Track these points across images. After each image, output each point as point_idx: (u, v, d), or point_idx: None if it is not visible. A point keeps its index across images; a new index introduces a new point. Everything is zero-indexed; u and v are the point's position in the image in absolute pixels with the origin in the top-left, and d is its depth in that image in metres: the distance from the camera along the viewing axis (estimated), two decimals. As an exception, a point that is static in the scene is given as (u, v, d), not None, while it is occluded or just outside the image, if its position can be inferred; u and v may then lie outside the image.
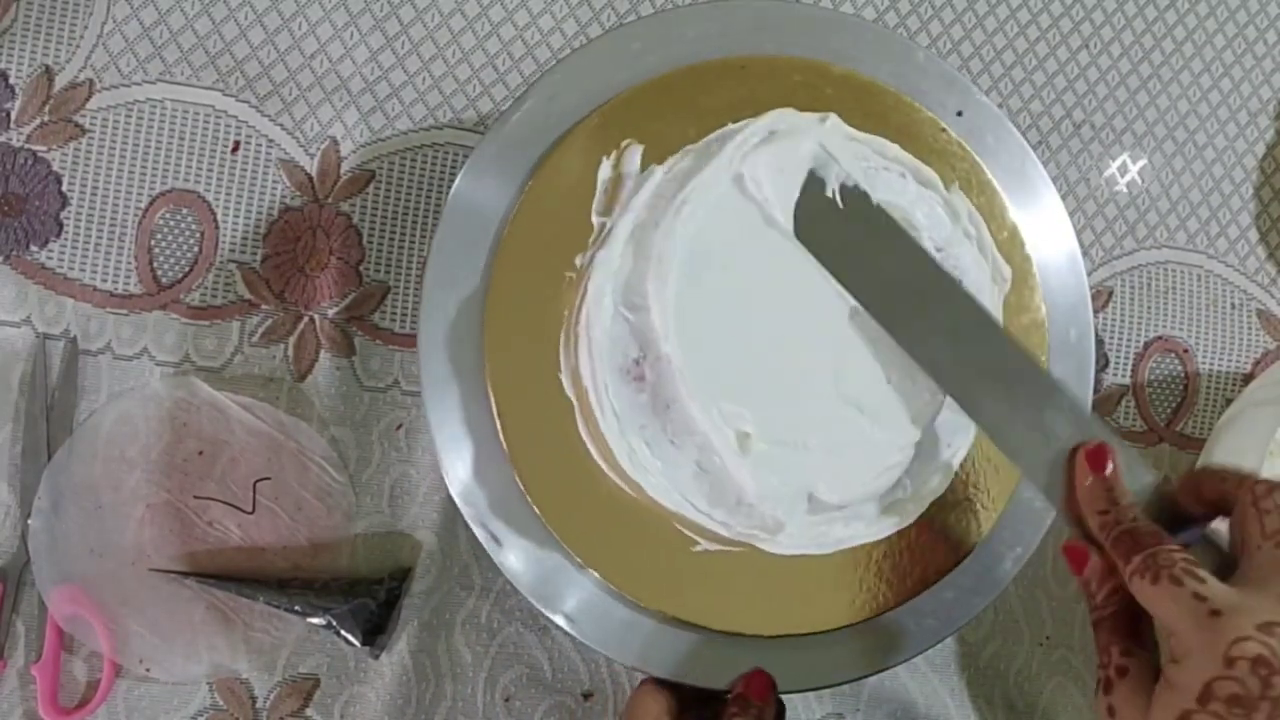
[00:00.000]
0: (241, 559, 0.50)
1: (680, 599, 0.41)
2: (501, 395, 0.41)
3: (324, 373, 0.51)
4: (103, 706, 0.48)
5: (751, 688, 0.41)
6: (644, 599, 0.41)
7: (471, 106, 0.54)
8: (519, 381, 0.41)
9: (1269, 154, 0.62)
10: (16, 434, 0.49)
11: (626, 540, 0.41)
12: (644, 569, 0.41)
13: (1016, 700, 0.56)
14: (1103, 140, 0.60)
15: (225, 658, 0.49)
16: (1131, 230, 0.60)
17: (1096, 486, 0.37)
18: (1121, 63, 0.60)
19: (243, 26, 0.52)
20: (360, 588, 0.49)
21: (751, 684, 0.41)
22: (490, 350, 0.41)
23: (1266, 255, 0.61)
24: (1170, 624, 0.31)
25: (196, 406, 0.50)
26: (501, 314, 0.41)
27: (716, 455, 0.40)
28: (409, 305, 0.53)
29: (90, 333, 0.50)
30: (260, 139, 0.52)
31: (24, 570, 0.48)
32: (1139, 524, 0.35)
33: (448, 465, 0.41)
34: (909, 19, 0.58)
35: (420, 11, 0.54)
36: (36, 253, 0.50)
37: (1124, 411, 0.59)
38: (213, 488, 0.50)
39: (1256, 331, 0.61)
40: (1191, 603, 0.31)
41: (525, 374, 0.41)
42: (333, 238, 0.52)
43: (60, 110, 0.50)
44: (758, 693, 0.40)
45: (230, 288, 0.51)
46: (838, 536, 0.42)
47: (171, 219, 0.51)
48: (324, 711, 0.51)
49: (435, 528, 0.52)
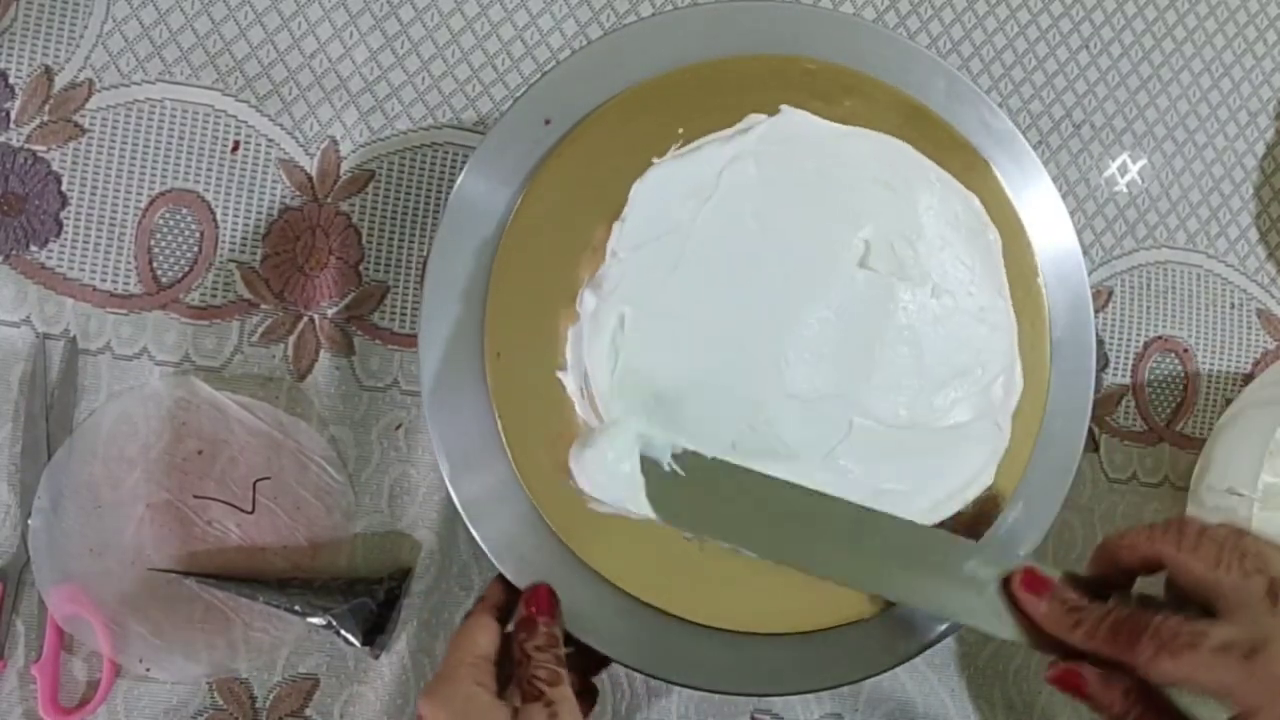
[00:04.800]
0: (241, 559, 0.50)
1: (680, 597, 0.41)
2: (501, 395, 0.41)
3: (323, 372, 0.51)
4: (103, 706, 0.48)
5: (535, 604, 0.40)
6: (644, 597, 0.41)
7: (471, 106, 0.54)
8: (519, 381, 0.41)
9: (1269, 154, 0.62)
10: (16, 434, 0.49)
11: (626, 539, 0.41)
12: (644, 567, 0.41)
13: (1015, 700, 0.56)
14: (1103, 140, 0.60)
15: (225, 658, 0.49)
16: (1131, 230, 0.60)
17: (1053, 605, 0.36)
18: (1121, 63, 0.60)
19: (242, 26, 0.52)
20: (360, 587, 0.49)
21: (535, 600, 0.40)
22: (490, 350, 0.41)
23: (1266, 255, 0.61)
24: (1213, 685, 0.31)
25: (196, 406, 0.50)
26: (501, 313, 0.41)
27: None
28: (409, 305, 0.53)
29: (90, 332, 0.50)
30: (260, 139, 0.52)
31: (24, 570, 0.48)
32: (1116, 612, 0.35)
33: (447, 465, 0.41)
34: (909, 19, 0.58)
35: (420, 11, 0.54)
36: (36, 252, 0.50)
37: (1124, 411, 0.59)
38: (212, 487, 0.50)
39: (1256, 331, 0.61)
40: (1220, 658, 0.31)
41: (525, 374, 0.41)
42: (332, 237, 0.52)
43: (60, 110, 0.50)
44: (543, 607, 0.40)
45: (230, 287, 0.51)
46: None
47: (171, 219, 0.51)
48: (324, 711, 0.51)
49: (435, 527, 0.52)
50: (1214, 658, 0.31)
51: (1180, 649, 0.32)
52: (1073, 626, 0.36)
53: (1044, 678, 0.37)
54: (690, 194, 0.42)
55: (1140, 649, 0.33)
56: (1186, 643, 0.32)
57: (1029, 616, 0.37)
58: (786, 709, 0.54)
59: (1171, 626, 0.32)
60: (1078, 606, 0.36)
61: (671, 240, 0.41)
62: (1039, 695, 0.57)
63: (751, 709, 0.54)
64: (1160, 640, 0.32)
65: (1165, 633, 0.32)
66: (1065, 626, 0.36)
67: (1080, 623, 0.35)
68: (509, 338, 0.41)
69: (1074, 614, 0.36)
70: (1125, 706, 0.35)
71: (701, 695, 0.53)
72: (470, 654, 0.39)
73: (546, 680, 0.37)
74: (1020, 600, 0.37)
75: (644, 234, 0.41)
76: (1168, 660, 0.32)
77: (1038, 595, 0.37)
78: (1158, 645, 0.32)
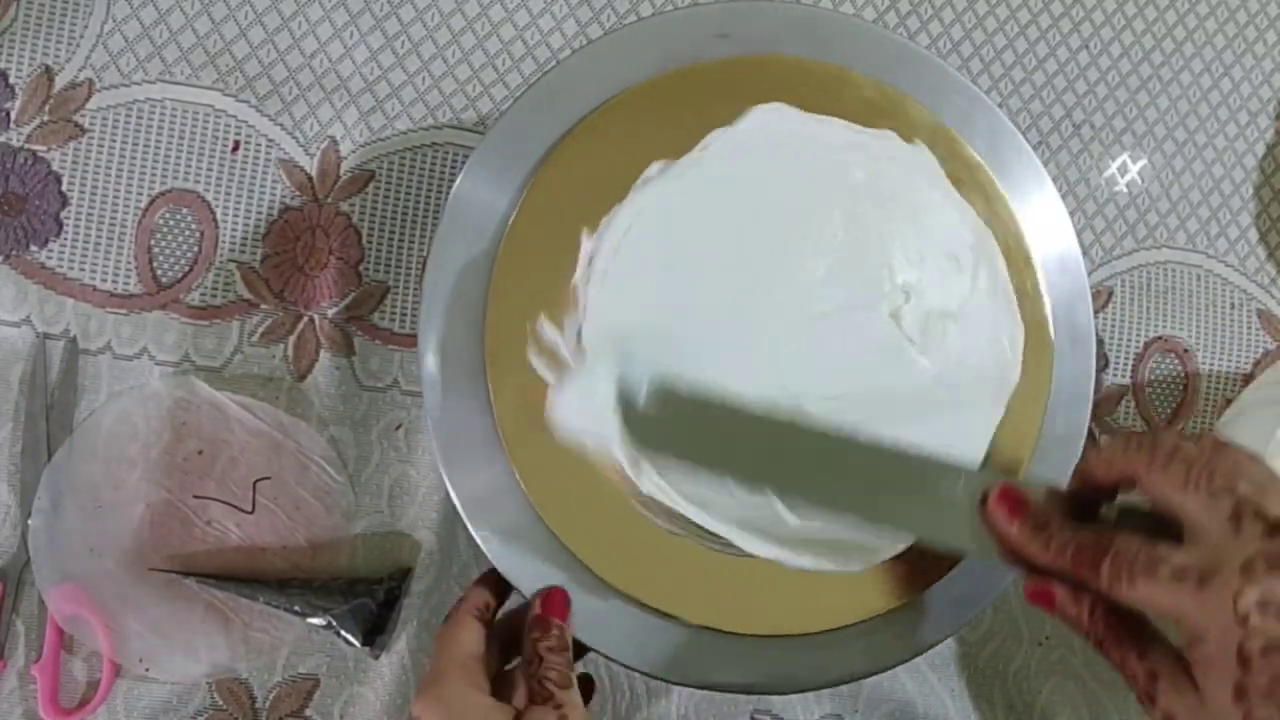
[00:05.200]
0: (241, 559, 0.50)
1: (680, 598, 0.41)
2: (501, 395, 0.41)
3: (323, 372, 0.51)
4: (103, 706, 0.48)
5: (550, 606, 0.40)
6: (643, 598, 0.41)
7: (471, 106, 0.54)
8: (519, 381, 0.41)
9: (1269, 154, 0.62)
10: (16, 434, 0.49)
11: (626, 540, 0.41)
12: (643, 568, 0.41)
13: (1015, 700, 0.56)
14: (1103, 140, 0.60)
15: (225, 658, 0.49)
16: (1131, 230, 0.60)
17: (1022, 526, 0.36)
18: (1122, 63, 0.60)
19: (242, 26, 0.52)
20: (360, 588, 0.49)
21: (550, 602, 0.40)
22: (490, 351, 0.41)
23: (1266, 255, 0.61)
24: (1168, 610, 0.31)
25: (196, 406, 0.50)
26: (501, 314, 0.41)
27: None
28: (409, 305, 0.53)
29: (90, 332, 0.50)
30: (260, 139, 0.52)
31: (24, 570, 0.48)
32: (1079, 535, 0.35)
33: (447, 465, 0.41)
34: (909, 19, 0.58)
35: (420, 11, 0.54)
36: (36, 252, 0.50)
37: (1124, 411, 0.59)
38: (212, 487, 0.50)
39: (1256, 331, 0.61)
40: (1174, 585, 0.31)
41: (525, 374, 0.41)
42: (332, 237, 0.52)
43: (60, 110, 0.50)
44: (556, 609, 0.40)
45: (230, 287, 0.51)
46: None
47: (171, 219, 0.51)
48: (324, 712, 0.51)
49: (435, 527, 0.52)
50: (1169, 584, 0.31)
51: (1137, 574, 0.32)
52: (1041, 548, 0.35)
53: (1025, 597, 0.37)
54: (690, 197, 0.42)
55: (1101, 572, 0.33)
56: (1144, 568, 0.32)
57: (1000, 536, 0.37)
58: (786, 709, 0.54)
59: (1131, 550, 0.32)
60: (1044, 525, 0.36)
61: (667, 242, 0.41)
62: (1039, 695, 0.57)
63: (751, 709, 0.54)
64: (1119, 564, 0.32)
65: (1125, 556, 0.32)
66: (1033, 548, 0.36)
67: (1047, 544, 0.35)
68: (509, 337, 0.41)
69: (1041, 533, 0.36)
70: (1094, 622, 0.35)
71: (702, 695, 0.53)
72: (460, 653, 0.38)
73: (557, 682, 0.37)
74: (993, 519, 0.37)
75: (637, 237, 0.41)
76: (1126, 584, 0.32)
77: (1010, 515, 0.37)
78: (1117, 569, 0.32)
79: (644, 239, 0.41)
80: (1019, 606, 0.57)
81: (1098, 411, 0.59)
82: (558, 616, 0.40)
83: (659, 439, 0.40)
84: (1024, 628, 0.57)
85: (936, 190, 0.44)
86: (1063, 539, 0.35)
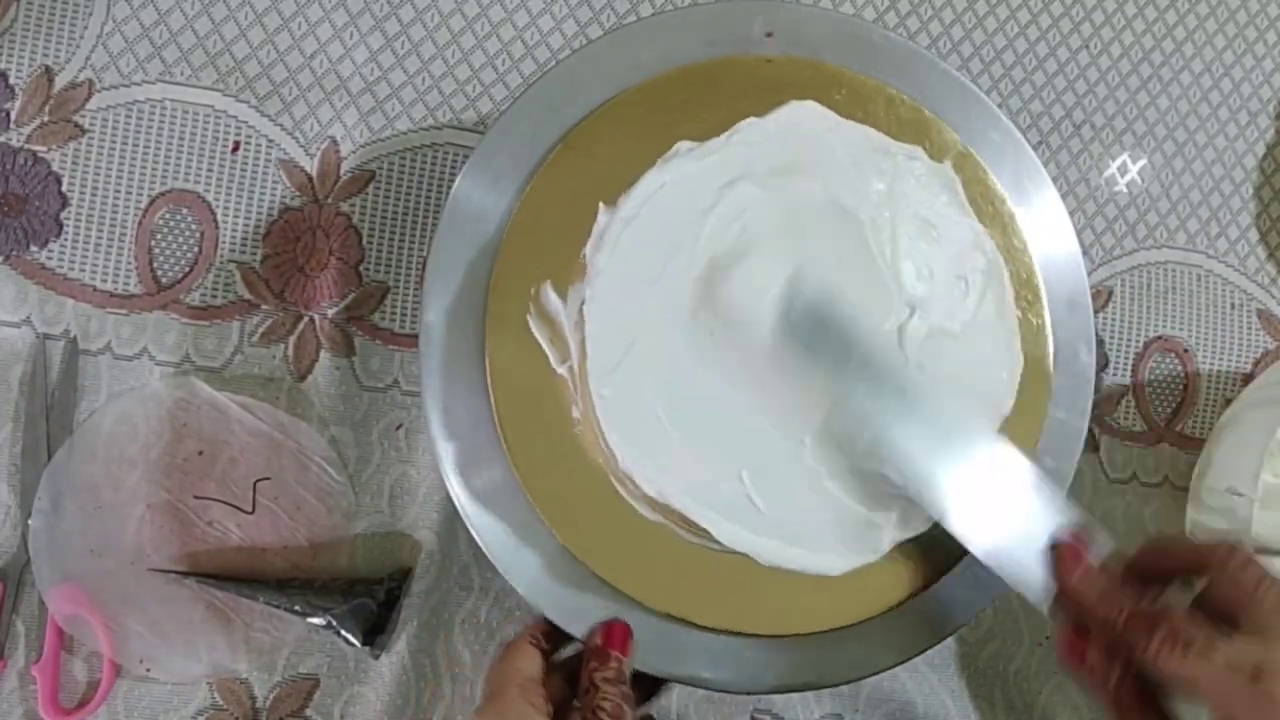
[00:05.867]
0: (241, 559, 0.50)
1: (680, 598, 0.41)
2: (501, 395, 0.41)
3: (324, 373, 0.51)
4: (103, 706, 0.48)
5: (611, 638, 0.40)
6: (643, 598, 0.41)
7: (471, 106, 0.54)
8: (519, 381, 0.41)
9: (1269, 154, 0.62)
10: (16, 434, 0.49)
11: (626, 539, 0.41)
12: (644, 568, 0.41)
13: (1015, 700, 0.56)
14: (1103, 140, 0.60)
15: (225, 658, 0.49)
16: (1131, 230, 0.60)
17: (1084, 573, 0.37)
18: (1122, 63, 0.60)
19: (242, 26, 0.52)
20: (360, 588, 0.49)
21: (611, 635, 0.40)
22: (490, 351, 0.41)
23: (1266, 255, 0.61)
24: (1211, 695, 0.32)
25: (196, 406, 0.50)
26: (501, 314, 0.41)
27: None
28: (409, 305, 0.53)
29: (90, 333, 0.50)
30: (260, 139, 0.52)
31: (24, 570, 0.48)
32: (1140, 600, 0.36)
33: (447, 466, 0.41)
34: (909, 19, 0.58)
35: (420, 11, 0.54)
36: (36, 253, 0.50)
37: (1124, 411, 0.59)
38: (213, 488, 0.50)
39: (1256, 331, 0.61)
40: (1227, 672, 0.32)
41: (525, 373, 0.41)
42: (332, 238, 0.52)
43: (60, 110, 0.50)
44: (617, 643, 0.40)
45: (230, 288, 0.51)
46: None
47: (171, 219, 0.51)
48: (324, 711, 0.51)
49: (435, 528, 0.52)
50: (1222, 670, 0.32)
51: (1192, 651, 0.33)
52: (1099, 598, 0.37)
53: (1061, 645, 0.38)
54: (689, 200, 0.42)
55: (1153, 638, 0.34)
56: (1200, 648, 0.33)
57: (1062, 579, 0.38)
58: (786, 709, 0.54)
59: (1189, 628, 0.33)
60: (1107, 579, 0.37)
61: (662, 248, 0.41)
62: (1039, 696, 0.57)
63: (751, 709, 0.54)
64: (1174, 636, 0.33)
65: (1184, 631, 0.33)
66: (1092, 597, 0.37)
67: (1105, 598, 0.36)
68: (509, 338, 0.41)
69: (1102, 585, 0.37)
70: (1118, 688, 0.36)
71: (702, 695, 0.53)
72: (519, 676, 0.39)
73: (611, 713, 0.37)
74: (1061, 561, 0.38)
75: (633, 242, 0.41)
76: (1177, 658, 0.33)
77: (1075, 562, 0.38)
78: (1171, 640, 0.33)
79: (660, 213, 0.41)
80: (1019, 606, 0.57)
81: (1098, 412, 0.59)
82: (618, 650, 0.40)
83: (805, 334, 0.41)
84: (1024, 628, 0.57)
85: (955, 210, 0.44)
86: (1122, 597, 0.36)
